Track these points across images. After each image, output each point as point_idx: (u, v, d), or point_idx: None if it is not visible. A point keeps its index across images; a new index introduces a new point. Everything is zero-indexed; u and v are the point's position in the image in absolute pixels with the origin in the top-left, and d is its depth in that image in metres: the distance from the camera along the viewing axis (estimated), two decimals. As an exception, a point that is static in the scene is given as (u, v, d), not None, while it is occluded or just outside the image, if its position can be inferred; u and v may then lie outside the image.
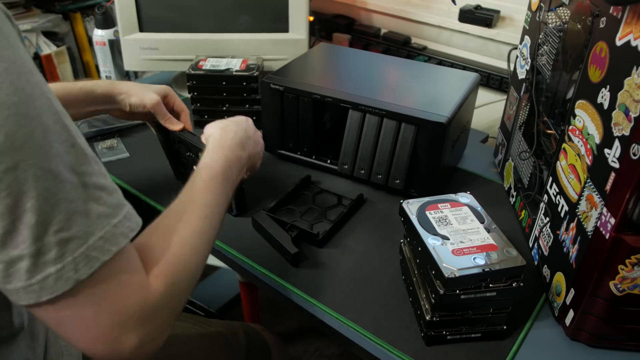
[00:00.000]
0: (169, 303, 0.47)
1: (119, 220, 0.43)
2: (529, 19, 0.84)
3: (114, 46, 1.14)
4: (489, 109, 1.24)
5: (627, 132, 0.52)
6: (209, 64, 1.05)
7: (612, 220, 0.55)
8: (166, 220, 0.54)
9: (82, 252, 0.40)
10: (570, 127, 0.66)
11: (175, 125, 0.82)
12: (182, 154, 0.83)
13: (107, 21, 1.12)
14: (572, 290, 0.63)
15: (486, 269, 0.58)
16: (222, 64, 1.05)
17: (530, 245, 0.78)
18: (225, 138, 0.68)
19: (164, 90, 0.84)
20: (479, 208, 0.68)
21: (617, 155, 0.54)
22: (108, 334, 0.43)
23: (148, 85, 0.83)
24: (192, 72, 1.02)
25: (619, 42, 0.55)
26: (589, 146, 0.61)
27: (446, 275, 0.57)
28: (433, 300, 0.60)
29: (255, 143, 0.74)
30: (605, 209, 0.56)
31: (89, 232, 0.41)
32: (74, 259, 0.40)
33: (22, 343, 0.54)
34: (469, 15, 1.22)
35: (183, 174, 0.86)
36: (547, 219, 0.72)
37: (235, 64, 1.05)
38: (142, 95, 0.80)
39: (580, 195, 0.62)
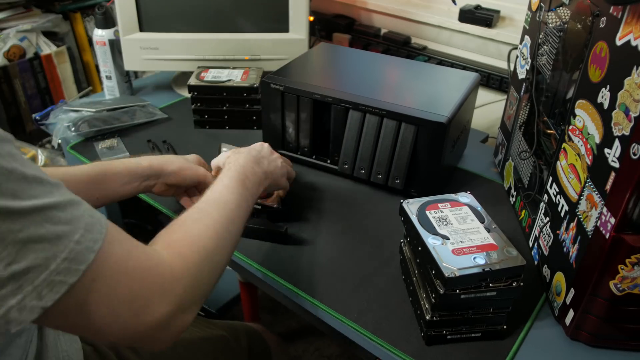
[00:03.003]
0: (189, 278, 0.48)
1: (81, 235, 0.40)
2: (529, 19, 0.84)
3: (114, 46, 1.14)
4: (489, 109, 1.24)
5: (627, 132, 0.52)
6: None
7: (612, 220, 0.55)
8: (187, 213, 0.56)
9: (43, 279, 0.38)
10: (570, 127, 0.66)
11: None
12: None
13: (107, 21, 1.12)
14: (572, 290, 0.63)
15: (486, 269, 0.58)
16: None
17: (530, 245, 0.78)
18: (239, 157, 0.71)
19: (199, 159, 0.83)
20: (479, 208, 0.68)
21: (617, 155, 0.54)
22: (131, 320, 0.43)
23: (186, 158, 0.81)
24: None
25: (619, 42, 0.55)
26: (589, 146, 0.61)
27: (446, 274, 0.57)
28: (433, 300, 0.60)
29: (270, 161, 0.76)
30: (605, 209, 0.56)
31: (50, 256, 0.38)
32: (35, 287, 0.38)
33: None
34: (469, 15, 1.22)
35: None
36: (547, 218, 0.72)
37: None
38: (191, 168, 0.79)
39: (580, 195, 0.62)
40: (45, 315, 0.39)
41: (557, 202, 0.69)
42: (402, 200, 0.70)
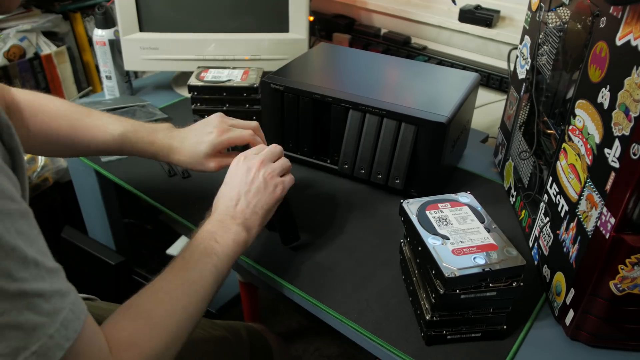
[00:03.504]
0: None
1: (56, 330, 0.38)
2: (529, 19, 0.84)
3: (114, 46, 1.14)
4: (489, 109, 1.24)
5: (627, 132, 0.52)
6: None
7: (612, 220, 0.55)
8: (140, 300, 0.53)
9: None
10: (570, 127, 0.66)
11: None
12: None
13: (107, 21, 1.12)
14: (572, 290, 0.63)
15: (486, 269, 0.58)
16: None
17: (530, 245, 0.78)
18: (211, 219, 0.65)
19: (214, 146, 0.74)
20: (479, 208, 0.68)
21: (617, 155, 0.54)
22: None
23: (198, 140, 0.74)
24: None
25: (619, 42, 0.55)
26: (589, 146, 0.61)
27: (446, 274, 0.57)
28: (433, 300, 0.60)
29: (256, 204, 0.67)
30: (605, 209, 0.56)
31: (21, 347, 0.36)
32: None
33: None
34: (469, 15, 1.22)
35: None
36: (547, 218, 0.72)
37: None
38: (198, 167, 0.75)
39: (580, 195, 0.62)
40: None
41: (557, 202, 0.69)
42: (402, 200, 0.70)
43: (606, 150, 0.56)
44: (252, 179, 0.67)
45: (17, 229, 0.36)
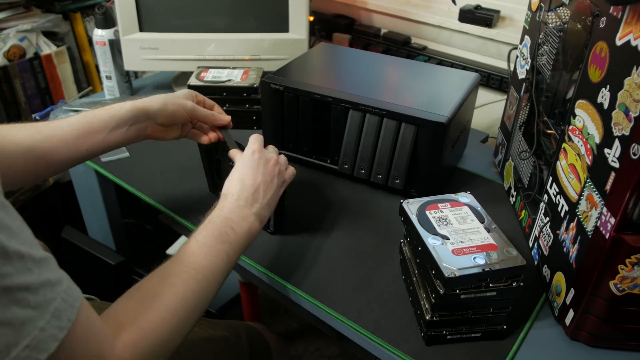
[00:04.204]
0: None
1: (47, 322, 0.38)
2: (529, 19, 0.84)
3: (114, 46, 1.14)
4: (489, 109, 1.24)
5: (627, 132, 0.52)
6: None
7: (612, 220, 0.55)
8: (150, 283, 0.52)
9: None
10: (570, 127, 0.66)
11: (223, 118, 0.78)
12: (224, 164, 0.80)
13: (107, 21, 1.13)
14: (572, 290, 0.63)
15: (486, 269, 0.58)
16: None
17: (530, 245, 0.78)
18: (225, 203, 0.64)
19: (191, 93, 0.78)
20: (479, 208, 0.68)
21: (617, 155, 0.54)
22: None
23: (172, 94, 0.77)
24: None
25: (619, 42, 0.55)
26: (589, 146, 0.61)
27: (446, 275, 0.57)
28: (433, 300, 0.60)
29: (267, 188, 0.67)
30: (605, 209, 0.56)
31: (12, 343, 0.36)
32: None
33: None
34: (469, 15, 1.22)
35: (219, 185, 0.81)
36: (547, 218, 0.72)
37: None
38: (176, 102, 0.74)
39: (580, 195, 0.62)
40: None
41: (557, 202, 0.69)
42: (402, 200, 0.70)
43: (606, 150, 0.56)
44: (270, 172, 0.68)
45: (3, 221, 0.36)
